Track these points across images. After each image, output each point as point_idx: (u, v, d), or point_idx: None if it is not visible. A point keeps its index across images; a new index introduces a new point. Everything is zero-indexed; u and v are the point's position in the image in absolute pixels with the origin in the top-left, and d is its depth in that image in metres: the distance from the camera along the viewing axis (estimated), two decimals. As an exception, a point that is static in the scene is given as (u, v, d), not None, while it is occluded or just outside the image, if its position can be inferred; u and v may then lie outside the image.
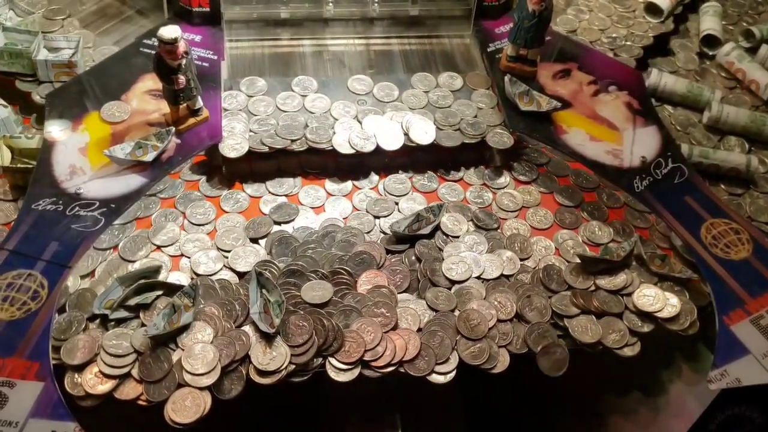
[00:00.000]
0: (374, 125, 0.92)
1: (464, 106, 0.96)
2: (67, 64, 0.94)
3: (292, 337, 0.73)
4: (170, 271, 0.80)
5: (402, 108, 0.95)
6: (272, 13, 1.04)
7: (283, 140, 0.89)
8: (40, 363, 0.68)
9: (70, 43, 0.97)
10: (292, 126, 0.90)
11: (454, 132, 0.93)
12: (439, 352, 0.75)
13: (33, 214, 0.78)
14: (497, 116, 0.95)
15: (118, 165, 0.83)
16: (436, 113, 0.95)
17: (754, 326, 0.75)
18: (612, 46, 1.10)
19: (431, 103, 0.97)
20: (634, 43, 1.10)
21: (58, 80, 0.95)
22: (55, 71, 0.94)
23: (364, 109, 0.94)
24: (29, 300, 0.72)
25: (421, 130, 0.91)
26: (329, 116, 0.93)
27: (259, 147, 0.88)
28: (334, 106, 0.94)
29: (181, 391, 0.70)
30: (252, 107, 0.93)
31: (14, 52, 0.94)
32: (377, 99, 0.96)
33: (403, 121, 0.92)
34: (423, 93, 0.98)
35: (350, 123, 0.92)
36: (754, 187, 0.95)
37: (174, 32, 0.80)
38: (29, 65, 0.94)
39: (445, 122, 0.93)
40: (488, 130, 0.93)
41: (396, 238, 0.84)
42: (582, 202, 0.91)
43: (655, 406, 0.83)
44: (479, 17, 1.05)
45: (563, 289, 0.81)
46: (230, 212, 0.86)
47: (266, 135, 0.89)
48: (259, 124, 0.91)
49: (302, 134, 0.89)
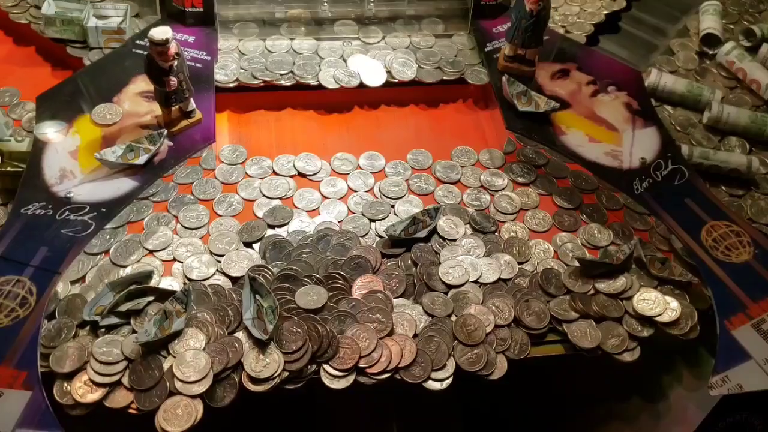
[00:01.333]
0: (358, 63, 0.99)
1: (444, 47, 1.04)
2: (117, 31, 0.97)
3: (286, 343, 0.72)
4: (162, 277, 0.79)
5: (385, 49, 1.02)
6: (267, 12, 1.03)
7: (272, 74, 0.95)
8: (28, 371, 0.66)
9: (118, 11, 1.00)
10: (281, 62, 0.98)
11: (434, 70, 1.00)
12: (435, 359, 0.73)
13: (22, 218, 0.77)
14: (475, 57, 1.02)
15: (109, 168, 0.82)
16: (418, 53, 1.02)
17: (755, 331, 0.74)
18: (564, 23, 1.10)
19: (413, 45, 1.04)
20: (585, 21, 1.11)
21: (107, 46, 0.98)
22: (105, 37, 0.97)
23: (350, 49, 1.01)
24: (17, 307, 0.70)
25: (404, 66, 0.99)
26: (316, 56, 1.00)
27: (250, 80, 0.95)
28: (320, 47, 1.01)
29: (173, 399, 0.69)
30: (242, 47, 1.00)
31: (66, 19, 0.97)
32: (362, 41, 1.03)
33: (385, 60, 0.99)
34: (406, 36, 1.05)
35: (336, 61, 0.99)
36: (755, 189, 0.94)
37: (165, 33, 0.78)
38: (80, 32, 0.98)
39: (426, 61, 1.00)
40: (466, 68, 1.00)
41: (392, 241, 0.83)
42: (581, 204, 0.90)
43: (656, 412, 0.82)
44: (477, 17, 1.04)
45: (562, 293, 0.80)
46: (224, 216, 0.85)
47: (256, 69, 0.96)
48: (249, 62, 0.97)
49: (290, 69, 0.97)
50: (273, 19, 1.03)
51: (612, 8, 1.14)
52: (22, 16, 1.02)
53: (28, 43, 1.04)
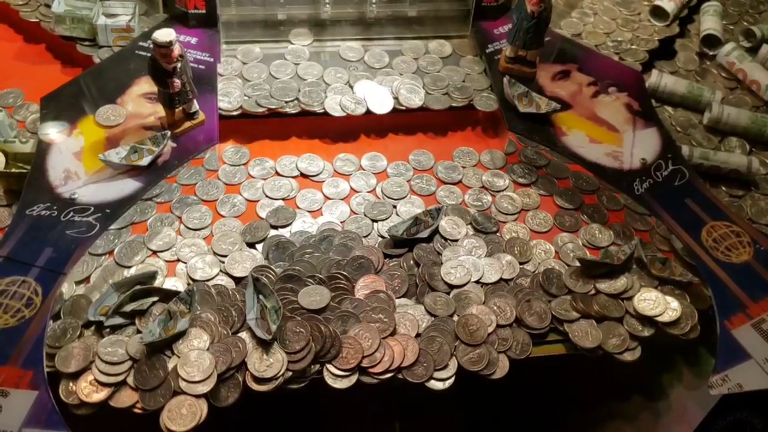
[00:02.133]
0: (365, 89, 0.96)
1: (452, 71, 1.01)
2: (125, 29, 0.98)
3: (289, 343, 0.72)
4: (166, 277, 0.79)
5: (392, 74, 1.00)
6: (269, 14, 1.03)
7: (277, 101, 0.93)
8: (34, 371, 0.67)
9: (126, 9, 1.00)
10: (286, 89, 0.95)
11: (442, 96, 0.97)
12: (437, 358, 0.74)
13: (27, 219, 0.77)
14: (484, 81, 0.99)
15: (113, 169, 0.82)
16: (425, 78, 0.99)
17: (755, 330, 0.74)
18: (617, 50, 1.08)
19: (420, 69, 1.01)
20: (639, 47, 1.09)
21: (116, 44, 0.98)
22: (114, 35, 0.98)
23: (356, 74, 0.98)
24: (23, 307, 0.71)
25: (411, 93, 0.96)
26: (321, 82, 0.97)
27: (255, 108, 0.92)
28: (326, 72, 0.98)
29: (177, 398, 0.69)
30: (246, 73, 0.97)
31: (76, 17, 0.97)
32: (368, 65, 1.00)
33: (393, 86, 0.97)
34: (413, 60, 1.02)
35: (342, 88, 0.96)
36: (755, 189, 0.94)
37: (168, 35, 0.79)
38: (90, 30, 0.98)
39: (434, 86, 0.98)
40: (475, 93, 0.97)
41: (394, 241, 0.84)
42: (582, 204, 0.90)
43: (657, 411, 0.83)
44: (478, 18, 1.05)
45: (563, 294, 0.80)
46: (227, 216, 0.86)
47: (261, 96, 0.93)
48: (253, 89, 0.95)
49: (295, 96, 0.94)
50: (275, 20, 1.03)
51: (665, 34, 1.11)
52: (32, 14, 1.03)
53: (37, 41, 1.04)
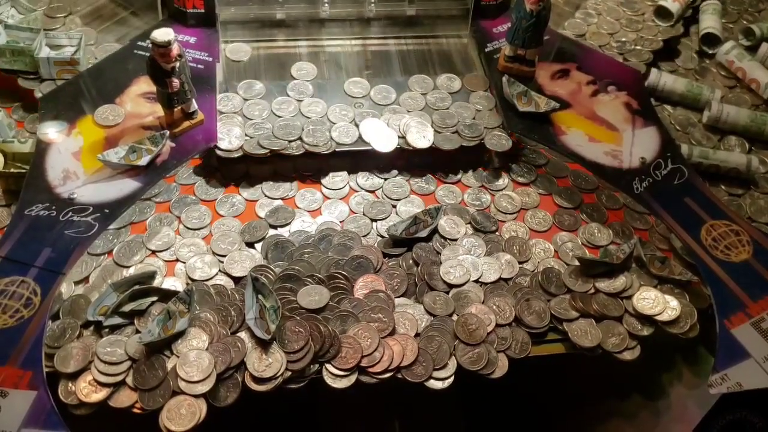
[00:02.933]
0: (370, 128, 0.91)
1: (462, 108, 0.95)
2: (69, 62, 0.93)
3: (288, 343, 0.72)
4: (165, 277, 0.79)
5: (400, 111, 0.94)
6: (268, 14, 1.03)
7: (280, 142, 0.88)
8: (33, 371, 0.67)
9: (72, 40, 0.97)
10: (289, 127, 0.90)
11: (452, 135, 0.92)
12: (436, 358, 0.74)
13: (26, 219, 0.77)
14: (495, 118, 0.94)
15: (111, 169, 0.82)
16: (434, 115, 0.94)
17: (755, 329, 0.74)
18: (621, 51, 1.08)
19: (429, 105, 0.96)
20: (643, 47, 1.09)
21: (60, 77, 0.94)
22: (58, 68, 0.94)
23: (361, 111, 0.93)
24: (22, 307, 0.71)
25: (419, 134, 0.91)
26: (326, 120, 0.92)
27: (256, 150, 0.87)
28: (330, 110, 0.93)
29: (176, 398, 0.69)
30: (247, 111, 0.92)
31: (16, 50, 0.93)
32: (374, 102, 0.95)
33: (400, 124, 0.92)
34: (420, 95, 0.97)
35: (347, 127, 0.91)
36: (754, 188, 0.94)
37: (167, 35, 0.78)
38: (31, 63, 0.94)
39: (443, 124, 0.92)
40: (486, 132, 0.92)
41: (393, 241, 0.84)
42: (581, 203, 0.90)
43: (656, 410, 0.83)
44: (477, 17, 1.04)
45: (562, 293, 0.80)
46: (226, 216, 0.85)
47: (263, 137, 0.88)
48: (255, 128, 0.90)
49: (299, 135, 0.89)
50: (274, 20, 1.03)
51: (670, 34, 1.11)
52: (-27, 45, 0.98)
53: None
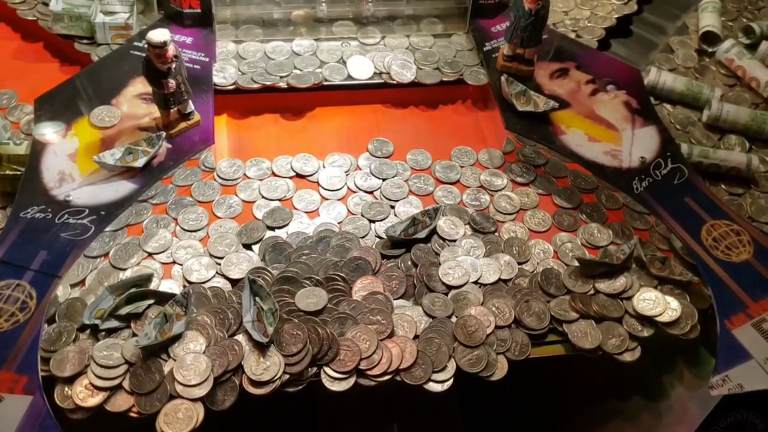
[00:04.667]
0: (356, 64, 0.99)
1: (443, 47, 1.03)
2: (124, 27, 0.97)
3: (286, 346, 0.72)
4: (162, 279, 0.79)
5: (385, 50, 1.02)
6: (265, 13, 1.02)
7: (272, 77, 0.95)
8: (28, 376, 0.66)
9: (124, 6, 1.00)
10: (281, 64, 0.97)
11: (433, 71, 0.99)
12: (435, 360, 0.73)
13: (21, 222, 0.76)
14: (474, 57, 1.02)
15: (108, 171, 0.82)
16: (416, 53, 1.01)
17: (756, 330, 0.74)
18: (574, 28, 1.09)
19: (412, 45, 1.03)
20: (596, 25, 1.10)
21: (114, 42, 0.98)
22: (113, 33, 0.97)
23: (349, 50, 1.01)
24: (17, 311, 0.70)
25: (403, 68, 0.98)
26: (315, 58, 0.99)
27: (249, 84, 0.94)
28: (319, 48, 1.01)
29: (173, 402, 0.69)
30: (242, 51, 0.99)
31: (74, 15, 0.97)
32: (360, 42, 1.03)
33: (384, 61, 0.99)
34: (405, 37, 1.04)
35: (336, 67, 0.98)
36: (755, 187, 0.93)
37: (163, 36, 0.78)
38: (88, 28, 0.98)
39: (425, 62, 1.00)
40: (465, 68, 0.99)
41: (391, 242, 0.83)
42: (581, 203, 0.90)
43: (657, 411, 0.82)
44: (475, 16, 1.04)
45: (562, 294, 0.80)
46: (223, 218, 0.85)
47: (256, 73, 0.95)
48: (249, 66, 0.96)
49: (290, 71, 0.96)
50: (271, 19, 1.02)
51: (623, 12, 1.12)
52: (30, 12, 1.03)
53: (35, 40, 1.04)
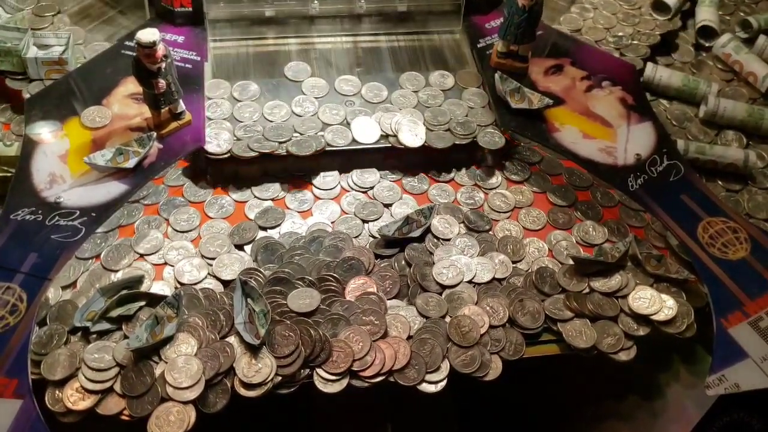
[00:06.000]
0: (362, 128, 0.90)
1: (454, 105, 0.94)
2: (58, 62, 0.92)
3: (278, 347, 0.71)
4: (153, 281, 0.78)
5: (392, 109, 0.93)
6: (257, 11, 1.01)
7: (270, 143, 0.87)
8: (18, 379, 0.66)
9: (60, 39, 0.95)
10: (280, 128, 0.89)
11: (444, 132, 0.90)
12: (429, 361, 0.73)
13: (11, 224, 0.76)
14: (488, 115, 0.93)
15: (98, 172, 0.81)
16: (426, 113, 0.92)
17: (752, 329, 0.73)
18: (618, 45, 1.06)
19: (421, 103, 0.94)
20: (641, 42, 1.06)
21: (48, 78, 0.92)
22: (46, 68, 0.92)
23: (353, 110, 0.92)
24: (7, 314, 0.70)
25: (411, 132, 0.89)
26: (317, 120, 0.90)
27: (246, 152, 0.85)
28: (321, 110, 0.92)
29: (165, 405, 0.68)
30: (237, 113, 0.90)
31: (3, 50, 0.92)
32: (365, 100, 0.94)
33: (391, 123, 0.90)
34: (412, 93, 0.95)
35: (340, 130, 0.89)
36: (752, 183, 0.93)
37: (152, 35, 0.77)
38: (19, 63, 0.92)
39: (435, 122, 0.91)
40: (479, 129, 0.91)
41: (385, 242, 0.82)
42: (575, 201, 0.89)
43: (653, 410, 0.81)
44: (469, 12, 1.03)
45: (557, 292, 0.79)
46: (215, 218, 0.84)
47: (253, 140, 0.87)
48: (245, 131, 0.88)
49: (290, 136, 0.87)
50: (263, 17, 1.01)
51: (668, 28, 1.09)
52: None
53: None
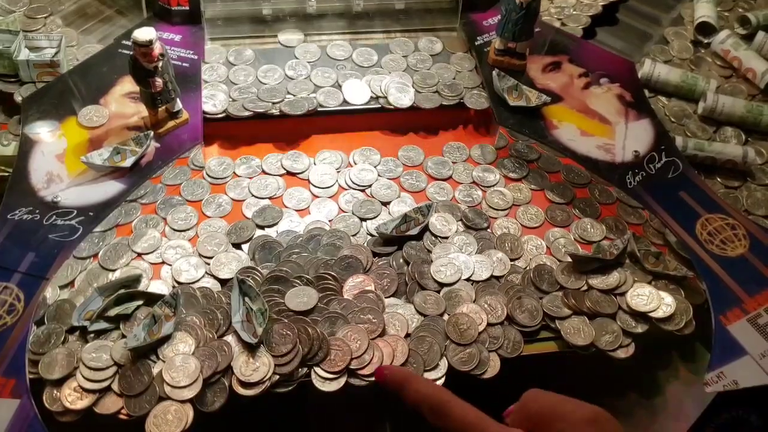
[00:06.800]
0: (353, 90, 0.94)
1: (443, 69, 0.99)
2: (50, 64, 0.92)
3: (276, 346, 0.71)
4: (151, 280, 0.78)
5: (382, 72, 0.97)
6: (254, 9, 1.01)
7: (264, 104, 0.91)
8: (16, 379, 0.66)
9: (52, 42, 0.94)
10: (274, 90, 0.93)
11: (432, 94, 0.95)
12: (427, 359, 0.73)
13: (9, 224, 0.76)
14: (475, 78, 0.97)
15: (96, 171, 0.81)
16: (415, 76, 0.97)
17: (751, 326, 0.73)
18: (560, 16, 1.08)
19: (410, 67, 0.99)
20: (582, 12, 1.09)
21: (40, 80, 0.92)
22: (38, 71, 0.92)
23: (344, 73, 0.96)
24: (5, 314, 0.70)
25: (400, 93, 0.93)
26: (309, 82, 0.95)
27: (240, 112, 0.90)
28: (314, 73, 0.96)
29: (163, 404, 0.68)
30: (233, 77, 0.95)
31: None
32: (356, 64, 0.98)
33: (382, 85, 0.94)
34: (402, 57, 0.99)
35: (331, 92, 0.94)
36: (751, 180, 0.92)
37: (149, 34, 0.77)
38: (11, 65, 0.92)
39: (424, 84, 0.95)
40: (466, 92, 0.95)
41: (383, 240, 0.82)
42: (573, 198, 0.89)
43: (652, 408, 0.81)
44: (467, 9, 1.03)
45: (555, 290, 0.79)
46: (212, 217, 0.84)
47: (247, 101, 0.91)
48: (240, 92, 0.92)
49: (283, 98, 0.92)
50: (260, 16, 1.01)
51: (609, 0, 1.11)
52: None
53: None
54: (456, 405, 0.54)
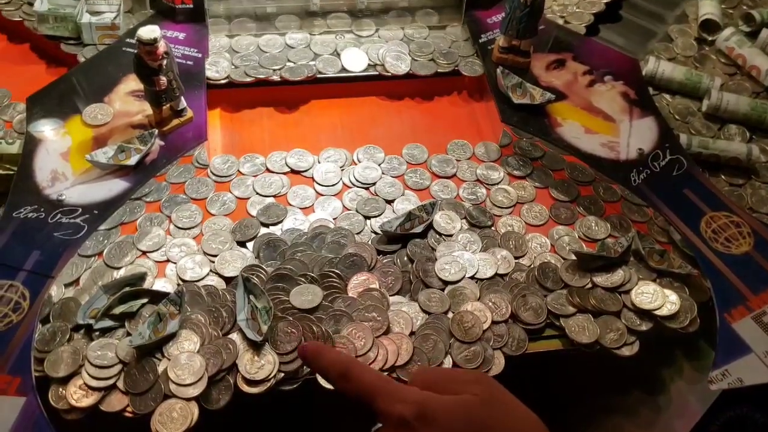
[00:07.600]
0: (351, 58, 0.99)
1: (438, 39, 1.03)
2: (111, 26, 0.97)
3: (281, 344, 0.71)
4: (156, 278, 0.78)
5: (379, 42, 1.02)
6: (258, 7, 1.01)
7: (265, 70, 0.95)
8: (21, 377, 0.66)
9: (111, 6, 0.99)
10: (275, 57, 0.97)
11: (428, 62, 0.99)
12: (432, 357, 0.73)
13: (14, 222, 0.76)
14: (469, 48, 1.01)
15: (100, 170, 0.81)
16: (411, 44, 1.01)
17: (756, 323, 0.73)
18: (563, 14, 1.08)
19: (407, 37, 1.03)
20: (585, 10, 1.09)
21: (101, 42, 0.97)
22: (99, 33, 0.97)
23: (343, 42, 1.00)
24: (10, 312, 0.70)
25: (397, 61, 0.98)
26: (309, 51, 0.99)
27: (242, 78, 0.94)
28: (313, 42, 1.00)
29: (168, 402, 0.68)
30: (235, 45, 0.99)
31: (59, 16, 0.97)
32: (355, 34, 1.02)
33: (378, 52, 0.99)
34: (399, 28, 1.04)
35: (330, 59, 0.98)
36: (755, 177, 0.92)
37: (153, 32, 0.77)
38: (74, 29, 0.97)
39: (420, 53, 0.99)
40: (460, 60, 0.99)
41: (387, 238, 0.82)
42: (578, 196, 0.89)
43: (657, 405, 0.81)
44: (471, 7, 1.03)
45: (559, 288, 0.79)
46: (217, 215, 0.84)
47: (249, 67, 0.95)
48: (242, 59, 0.97)
49: (283, 65, 0.96)
50: (264, 13, 1.01)
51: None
52: (15, 13, 1.02)
53: (21, 41, 1.03)
54: (358, 368, 0.57)
